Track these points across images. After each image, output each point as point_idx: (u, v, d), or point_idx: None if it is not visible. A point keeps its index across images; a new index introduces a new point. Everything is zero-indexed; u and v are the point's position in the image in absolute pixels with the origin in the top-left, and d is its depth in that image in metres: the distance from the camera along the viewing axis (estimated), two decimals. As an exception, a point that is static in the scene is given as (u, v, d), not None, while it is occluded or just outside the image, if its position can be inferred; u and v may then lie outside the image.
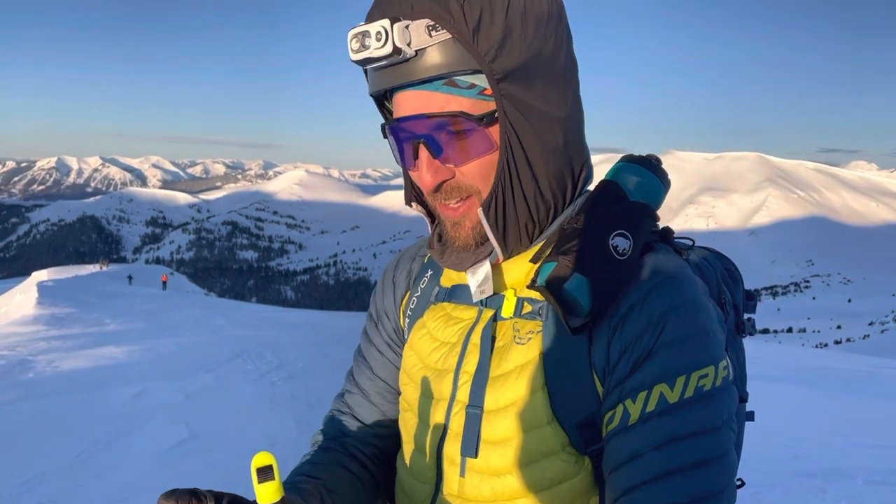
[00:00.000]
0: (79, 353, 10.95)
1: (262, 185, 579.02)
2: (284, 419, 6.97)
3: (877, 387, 10.61)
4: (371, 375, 1.17)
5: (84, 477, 5.11)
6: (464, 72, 0.86)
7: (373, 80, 0.91)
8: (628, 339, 0.88)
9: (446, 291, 1.07)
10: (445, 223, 0.97)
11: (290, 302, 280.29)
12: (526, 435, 0.91)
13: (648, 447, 0.83)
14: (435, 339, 1.04)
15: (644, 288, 0.90)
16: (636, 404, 0.85)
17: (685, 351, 0.86)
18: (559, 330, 0.91)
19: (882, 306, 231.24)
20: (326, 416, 1.21)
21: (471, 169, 0.90)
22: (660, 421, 0.84)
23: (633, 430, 0.84)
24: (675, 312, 0.87)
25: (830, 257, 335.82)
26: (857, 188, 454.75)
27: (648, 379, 0.85)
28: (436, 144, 0.89)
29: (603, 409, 0.89)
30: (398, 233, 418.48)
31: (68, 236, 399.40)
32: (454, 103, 0.87)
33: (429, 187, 0.91)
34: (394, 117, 0.92)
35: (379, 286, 1.22)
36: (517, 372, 0.93)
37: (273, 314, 25.30)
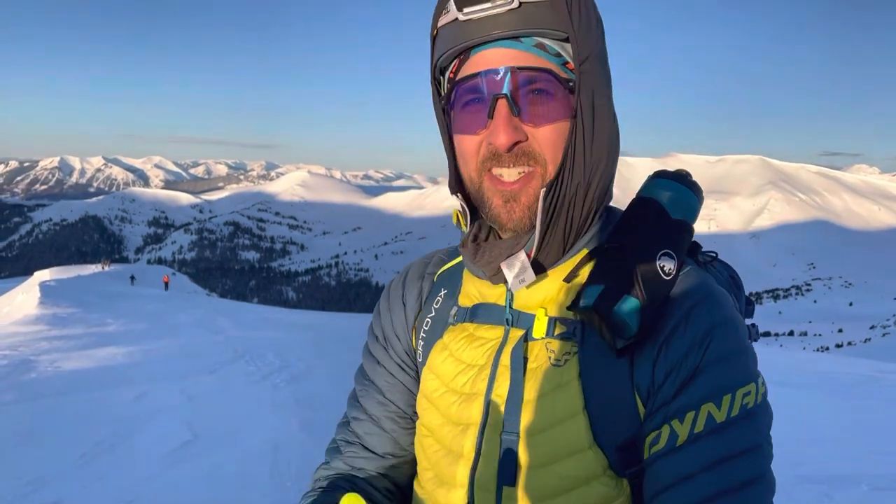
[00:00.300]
0: (81, 354, 10.94)
1: (264, 185, 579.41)
2: (287, 421, 6.96)
3: (879, 391, 10.56)
4: (382, 400, 1.11)
5: (88, 478, 5.10)
6: (557, 34, 0.86)
7: (457, 35, 0.88)
8: (674, 359, 0.87)
9: (467, 311, 1.02)
10: (495, 202, 0.92)
11: (291, 303, 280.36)
12: (566, 459, 0.88)
13: (699, 468, 0.82)
14: (459, 362, 1.00)
15: (684, 307, 0.89)
16: (684, 425, 0.84)
17: (730, 369, 0.86)
18: (599, 351, 0.90)
19: (883, 310, 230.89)
20: (330, 446, 1.13)
21: (545, 133, 0.88)
22: (709, 441, 0.82)
23: (682, 451, 0.83)
24: (718, 330, 0.87)
25: (832, 261, 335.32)
26: (859, 192, 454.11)
27: (696, 398, 0.84)
28: (517, 101, 0.87)
29: (645, 429, 0.88)
30: (400, 234, 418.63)
31: (70, 236, 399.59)
32: (542, 62, 0.87)
33: (504, 144, 0.87)
34: (471, 72, 0.89)
35: (384, 306, 1.17)
36: (553, 394, 0.90)
37: (275, 315, 25.28)
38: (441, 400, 1.00)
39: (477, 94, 0.88)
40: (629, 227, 0.94)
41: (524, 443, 0.90)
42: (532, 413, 0.90)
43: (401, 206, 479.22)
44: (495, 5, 0.84)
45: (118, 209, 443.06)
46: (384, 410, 1.10)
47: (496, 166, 0.90)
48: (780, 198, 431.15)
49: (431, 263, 1.16)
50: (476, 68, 0.88)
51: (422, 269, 1.16)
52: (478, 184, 0.93)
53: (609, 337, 0.86)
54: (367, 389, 1.13)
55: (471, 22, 0.86)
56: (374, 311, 1.19)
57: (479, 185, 0.93)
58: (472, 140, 0.91)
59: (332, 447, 1.13)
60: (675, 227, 0.94)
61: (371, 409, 1.11)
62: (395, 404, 1.10)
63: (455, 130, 0.93)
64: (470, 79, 0.88)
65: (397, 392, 1.10)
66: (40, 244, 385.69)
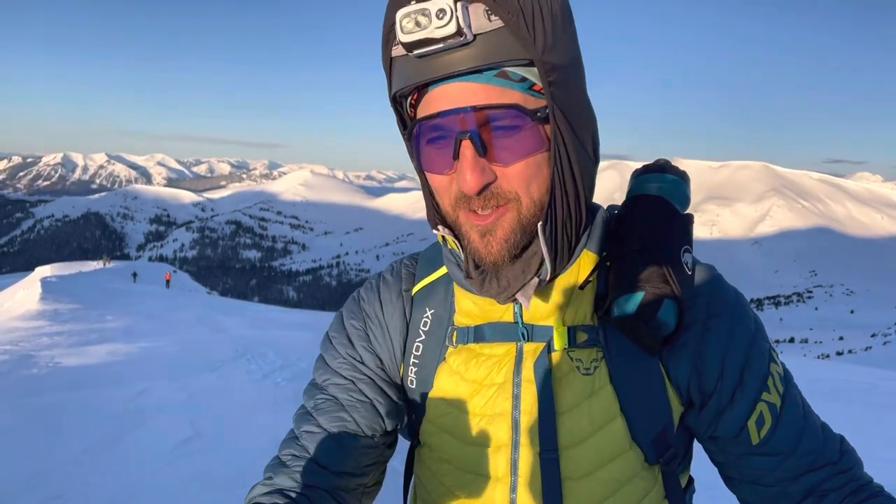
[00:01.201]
0: (82, 350, 10.96)
1: (266, 184, 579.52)
2: (288, 420, 6.83)
3: (879, 398, 10.57)
4: (343, 416, 1.01)
5: (89, 474, 5.12)
6: (518, 62, 0.79)
7: (411, 70, 0.81)
8: (722, 344, 0.91)
9: (468, 332, 0.97)
10: (472, 236, 0.87)
11: (292, 302, 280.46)
12: (609, 464, 0.90)
13: (802, 417, 0.95)
14: (471, 382, 0.95)
15: (704, 294, 0.94)
16: (772, 393, 0.93)
17: (760, 329, 0.96)
18: (626, 352, 0.90)
19: (885, 318, 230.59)
20: (270, 463, 1.02)
21: (517, 171, 0.83)
22: (789, 389, 0.95)
23: (786, 410, 0.94)
24: (739, 300, 0.96)
25: (834, 268, 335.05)
26: (862, 199, 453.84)
27: (764, 367, 0.93)
28: (483, 142, 0.81)
29: (736, 416, 0.92)
30: (401, 235, 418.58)
31: (72, 232, 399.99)
32: (506, 96, 0.80)
33: (472, 190, 0.81)
34: (431, 111, 0.82)
35: (356, 328, 1.07)
36: (589, 403, 0.90)
37: (275, 314, 25.29)
38: (456, 425, 0.96)
39: (440, 132, 0.83)
40: (644, 227, 0.93)
41: (564, 456, 0.89)
42: (570, 424, 0.89)
43: (403, 207, 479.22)
44: (447, 45, 0.77)
45: (120, 206, 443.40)
46: (343, 426, 1.00)
47: (468, 206, 0.85)
48: (782, 204, 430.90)
49: (404, 280, 1.08)
50: (435, 106, 0.82)
51: (397, 287, 1.07)
52: (454, 218, 0.89)
53: (651, 341, 0.87)
54: (324, 404, 1.03)
55: (424, 58, 0.80)
56: (337, 328, 1.09)
57: (456, 219, 0.89)
58: (441, 178, 0.87)
59: (275, 463, 1.00)
60: (685, 221, 0.95)
61: (327, 424, 1.01)
62: (357, 422, 1.01)
63: (423, 167, 0.88)
64: (430, 118, 0.82)
65: (361, 409, 1.01)
66: (42, 240, 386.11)
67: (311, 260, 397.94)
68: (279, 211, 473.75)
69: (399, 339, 1.04)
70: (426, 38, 0.77)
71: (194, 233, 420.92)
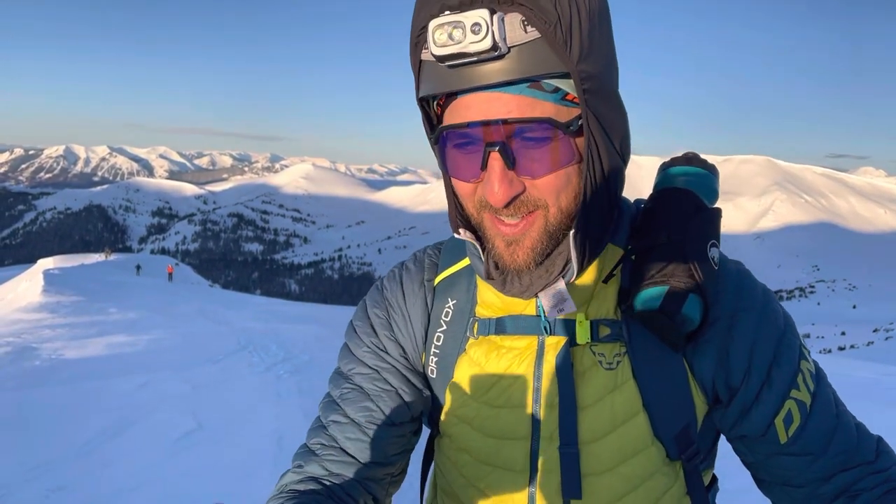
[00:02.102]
0: (84, 342, 10.97)
1: (268, 177, 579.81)
2: (291, 412, 6.97)
3: (882, 394, 10.54)
4: (369, 405, 1.01)
5: (91, 465, 5.12)
6: (552, 75, 0.77)
7: (441, 78, 0.79)
8: (749, 339, 0.90)
9: (489, 323, 0.96)
10: (496, 242, 0.86)
11: (293, 295, 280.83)
12: (631, 459, 0.89)
13: (834, 415, 0.91)
14: (491, 374, 0.95)
15: (731, 286, 0.92)
16: (801, 391, 0.90)
17: (790, 325, 0.93)
18: (650, 347, 0.89)
19: (887, 313, 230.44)
20: (300, 451, 1.03)
21: (546, 182, 0.81)
22: (821, 388, 0.92)
23: (816, 409, 0.90)
24: (768, 297, 0.94)
25: (836, 263, 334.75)
26: (865, 194, 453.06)
27: (794, 364, 0.90)
28: (512, 154, 0.79)
29: (763, 413, 0.90)
30: (403, 228, 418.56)
31: (74, 225, 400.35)
32: (538, 108, 0.78)
33: (501, 202, 0.80)
34: (459, 121, 0.80)
35: (379, 317, 1.07)
36: (612, 397, 0.89)
37: (277, 307, 25.30)
38: (475, 415, 0.96)
39: (468, 140, 0.81)
40: (671, 221, 0.91)
41: (585, 451, 0.89)
42: (591, 419, 0.89)
43: (405, 200, 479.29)
44: (480, 58, 0.75)
45: (122, 199, 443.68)
46: (370, 416, 1.00)
47: (494, 213, 0.84)
48: (785, 199, 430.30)
49: (426, 270, 1.07)
50: (464, 115, 0.80)
51: (419, 277, 1.07)
52: (478, 221, 0.88)
53: (675, 335, 0.86)
54: (350, 393, 1.03)
55: (455, 68, 0.78)
56: (361, 317, 1.09)
57: (480, 223, 0.88)
58: (467, 185, 0.85)
59: (305, 451, 1.02)
60: (713, 215, 0.93)
61: (354, 414, 1.01)
62: (382, 411, 1.01)
63: (450, 172, 0.86)
64: (459, 127, 0.80)
65: (387, 399, 1.01)
66: (44, 232, 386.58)
67: (313, 253, 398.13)
68: (281, 204, 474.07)
69: (421, 329, 1.04)
70: (460, 52, 0.74)
71: (196, 225, 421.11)
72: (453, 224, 0.93)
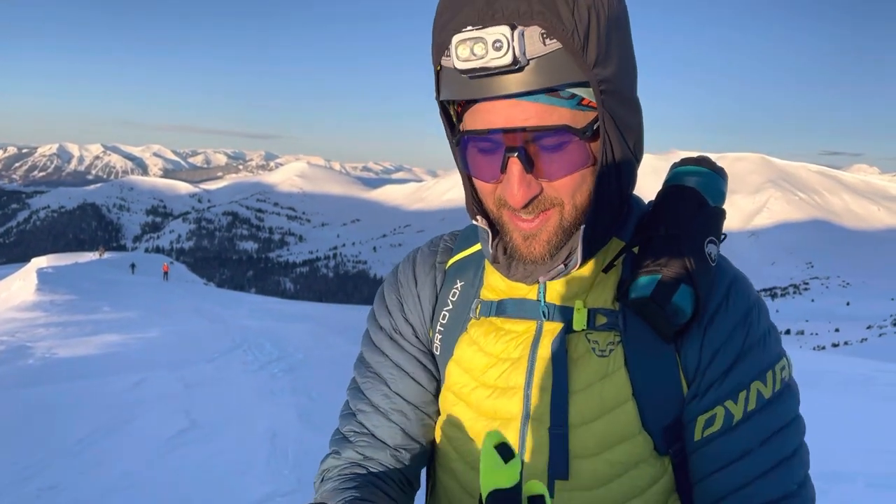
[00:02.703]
0: (78, 341, 10.94)
1: (263, 176, 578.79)
2: (285, 411, 6.97)
3: (875, 390, 10.59)
4: (388, 392, 1.06)
5: (85, 464, 5.11)
6: (571, 84, 0.81)
7: (462, 86, 0.82)
8: (718, 340, 0.91)
9: (491, 305, 1.00)
10: (514, 236, 0.90)
11: (288, 293, 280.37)
12: (617, 446, 0.91)
13: (756, 444, 0.88)
14: (489, 355, 0.98)
15: (722, 289, 0.93)
16: (738, 404, 0.89)
17: (769, 347, 0.92)
18: (644, 338, 0.91)
19: (880, 310, 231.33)
20: (336, 437, 1.09)
21: (563, 183, 0.85)
22: (762, 417, 0.88)
23: (739, 430, 0.88)
24: (755, 311, 0.93)
25: (830, 260, 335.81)
26: (859, 192, 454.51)
27: (746, 378, 0.89)
28: (530, 158, 0.83)
29: (695, 409, 0.91)
30: (398, 227, 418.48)
31: (68, 223, 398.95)
32: (556, 115, 0.82)
33: (520, 203, 0.84)
34: (480, 127, 0.84)
35: (392, 299, 1.12)
36: (602, 384, 0.91)
37: (272, 305, 25.28)
38: (471, 394, 0.99)
39: (488, 143, 0.84)
40: (672, 216, 0.94)
41: (573, 434, 0.91)
42: (581, 404, 0.91)
43: (400, 198, 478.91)
44: (500, 70, 0.78)
45: (116, 197, 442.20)
46: (390, 403, 1.06)
47: (513, 210, 0.88)
48: (779, 196, 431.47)
49: (440, 252, 1.12)
50: (484, 120, 0.84)
51: (432, 259, 1.12)
52: (497, 215, 0.92)
53: (665, 325, 0.88)
54: (370, 381, 1.08)
55: (476, 78, 0.81)
56: (378, 301, 1.14)
57: (499, 217, 0.92)
58: (487, 185, 0.90)
59: (340, 437, 1.08)
60: (714, 214, 0.96)
61: (377, 401, 1.06)
62: (402, 396, 1.06)
63: (470, 173, 0.90)
64: (479, 132, 0.84)
65: (403, 384, 1.06)
66: (38, 231, 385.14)
67: (308, 251, 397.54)
68: (276, 202, 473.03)
69: (429, 307, 1.08)
70: (482, 67, 0.77)
71: (191, 224, 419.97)
72: (470, 212, 0.97)
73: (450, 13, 0.81)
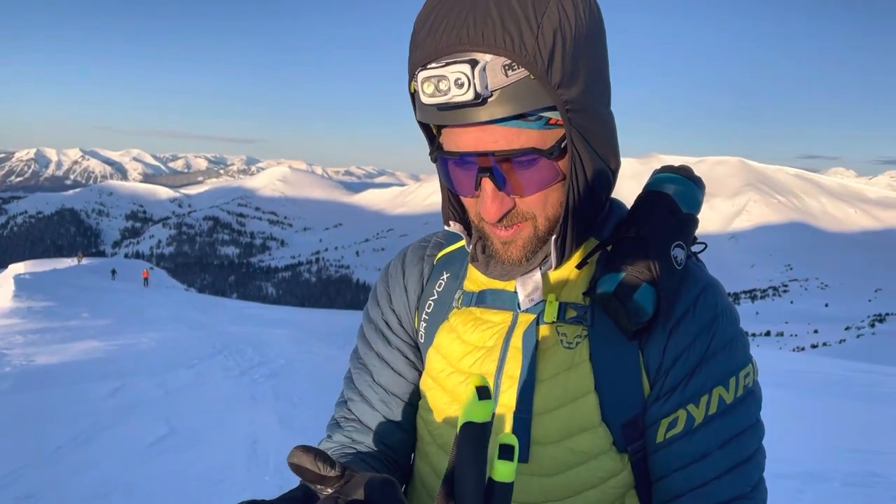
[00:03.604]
0: (56, 348, 10.81)
1: (244, 180, 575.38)
2: (266, 417, 6.93)
3: (852, 391, 10.74)
4: (372, 382, 1.13)
5: (62, 472, 5.05)
6: (536, 109, 0.84)
7: (433, 115, 0.87)
8: (683, 343, 0.94)
9: (473, 296, 1.06)
10: (494, 241, 0.96)
11: (270, 299, 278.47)
12: (578, 436, 0.94)
13: (715, 446, 0.91)
14: (466, 344, 1.03)
15: (691, 294, 0.96)
16: (699, 408, 0.92)
17: (733, 353, 0.95)
18: (609, 334, 0.95)
19: (858, 311, 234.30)
20: (330, 422, 1.17)
21: (534, 198, 0.91)
22: (722, 421, 0.92)
23: (699, 433, 0.92)
24: (721, 318, 0.96)
25: (809, 262, 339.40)
26: (836, 194, 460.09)
27: (708, 383, 0.92)
28: (502, 176, 0.88)
29: (658, 411, 0.94)
30: (381, 231, 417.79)
31: (46, 229, 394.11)
32: (523, 137, 0.86)
33: (493, 218, 0.90)
34: (454, 149, 0.89)
35: (382, 290, 1.18)
36: (565, 375, 0.95)
37: (254, 311, 25.14)
38: (447, 380, 1.04)
39: (462, 164, 0.90)
40: (643, 218, 0.99)
41: (536, 421, 0.95)
42: (545, 392, 0.95)
43: (382, 202, 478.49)
44: (466, 103, 0.81)
45: (95, 202, 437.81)
46: (374, 393, 1.12)
47: (490, 224, 0.94)
48: (758, 199, 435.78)
49: (430, 246, 1.18)
50: (457, 143, 0.88)
51: (421, 252, 1.18)
52: (478, 226, 0.99)
53: (626, 321, 0.91)
54: (359, 371, 1.15)
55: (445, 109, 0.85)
56: (371, 294, 1.21)
57: (479, 227, 0.98)
58: (468, 199, 0.95)
59: (332, 423, 1.15)
60: (685, 220, 1.00)
61: (364, 391, 1.13)
62: (383, 387, 1.12)
63: (450, 188, 0.96)
64: (453, 154, 0.89)
65: (386, 375, 1.12)
66: (15, 237, 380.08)
67: (290, 256, 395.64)
68: (257, 207, 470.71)
69: (414, 296, 1.14)
70: (446, 103, 0.81)
71: (171, 229, 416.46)
72: (445, 217, 1.04)
73: (417, 42, 0.85)
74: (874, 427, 7.97)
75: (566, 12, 0.83)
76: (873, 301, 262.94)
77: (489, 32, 0.79)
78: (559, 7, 0.83)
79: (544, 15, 0.81)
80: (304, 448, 0.64)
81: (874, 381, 11.98)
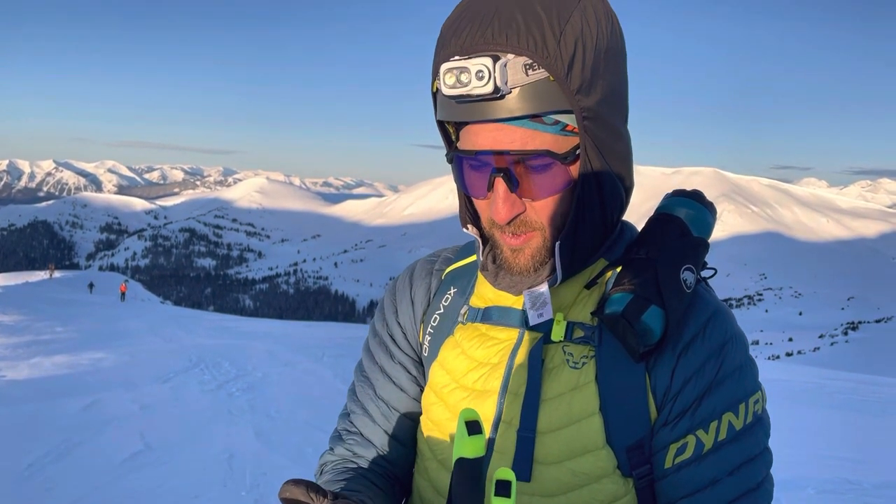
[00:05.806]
0: (28, 363, 10.65)
1: (221, 191, 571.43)
2: (243, 431, 6.87)
3: (826, 398, 10.87)
4: (374, 396, 1.14)
5: (34, 489, 4.97)
6: (554, 111, 0.86)
7: (453, 109, 0.89)
8: (692, 368, 0.93)
9: (478, 312, 1.06)
10: (504, 249, 0.97)
11: (248, 311, 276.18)
12: (581, 457, 0.93)
13: (724, 473, 0.90)
14: (471, 359, 1.03)
15: (701, 319, 0.96)
16: (709, 434, 0.91)
17: (743, 380, 0.94)
18: (617, 356, 0.94)
19: (831, 320, 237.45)
20: (333, 435, 1.18)
21: (543, 204, 0.91)
22: (732, 448, 0.91)
23: (708, 459, 0.91)
24: (731, 344, 0.95)
25: (782, 271, 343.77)
26: (809, 204, 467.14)
27: (718, 409, 0.92)
28: (515, 179, 0.89)
29: (667, 437, 0.93)
30: (359, 242, 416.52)
31: (18, 241, 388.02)
32: (538, 139, 0.87)
33: (504, 220, 0.90)
34: (470, 148, 0.91)
35: (388, 304, 1.19)
36: (570, 395, 0.94)
37: (231, 323, 24.94)
38: (450, 395, 1.03)
39: (477, 164, 0.91)
40: (654, 241, 0.99)
41: (539, 440, 0.94)
42: (549, 412, 0.94)
43: (361, 213, 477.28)
44: (483, 97, 0.84)
45: (69, 214, 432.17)
46: (376, 407, 1.13)
47: (500, 228, 0.95)
48: (732, 209, 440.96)
49: (439, 261, 1.19)
50: (474, 141, 0.90)
51: (430, 267, 1.18)
52: (489, 232, 0.99)
53: (634, 342, 0.91)
54: (363, 385, 1.16)
55: (464, 103, 0.87)
56: (378, 309, 1.22)
57: (490, 233, 0.99)
58: (481, 201, 0.96)
59: (335, 435, 1.16)
60: (695, 244, 1.00)
61: (366, 404, 1.14)
62: (385, 401, 1.13)
63: (464, 190, 0.98)
64: (468, 153, 0.91)
65: (388, 389, 1.13)
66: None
67: (268, 268, 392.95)
68: (234, 218, 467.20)
69: (420, 309, 1.15)
70: (466, 94, 0.84)
71: (147, 241, 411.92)
72: (462, 220, 1.04)
73: (443, 43, 0.89)
74: (848, 434, 8.09)
75: (589, 24, 0.86)
76: (846, 309, 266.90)
77: (513, 34, 0.82)
78: (583, 17, 0.86)
79: (567, 23, 0.84)
80: (294, 481, 0.67)
81: (848, 389, 12.15)
